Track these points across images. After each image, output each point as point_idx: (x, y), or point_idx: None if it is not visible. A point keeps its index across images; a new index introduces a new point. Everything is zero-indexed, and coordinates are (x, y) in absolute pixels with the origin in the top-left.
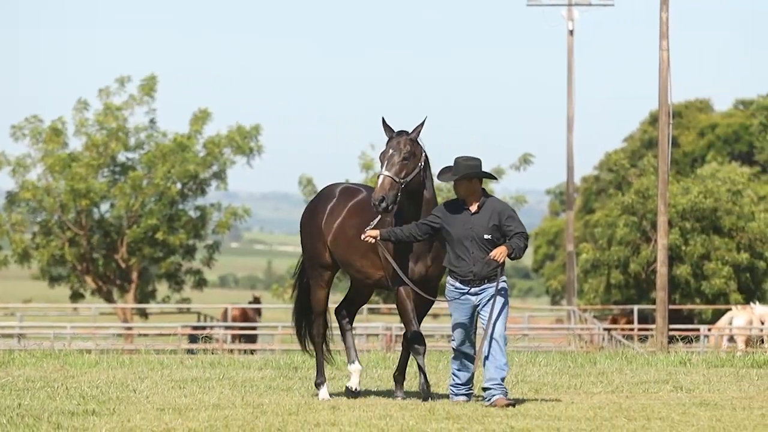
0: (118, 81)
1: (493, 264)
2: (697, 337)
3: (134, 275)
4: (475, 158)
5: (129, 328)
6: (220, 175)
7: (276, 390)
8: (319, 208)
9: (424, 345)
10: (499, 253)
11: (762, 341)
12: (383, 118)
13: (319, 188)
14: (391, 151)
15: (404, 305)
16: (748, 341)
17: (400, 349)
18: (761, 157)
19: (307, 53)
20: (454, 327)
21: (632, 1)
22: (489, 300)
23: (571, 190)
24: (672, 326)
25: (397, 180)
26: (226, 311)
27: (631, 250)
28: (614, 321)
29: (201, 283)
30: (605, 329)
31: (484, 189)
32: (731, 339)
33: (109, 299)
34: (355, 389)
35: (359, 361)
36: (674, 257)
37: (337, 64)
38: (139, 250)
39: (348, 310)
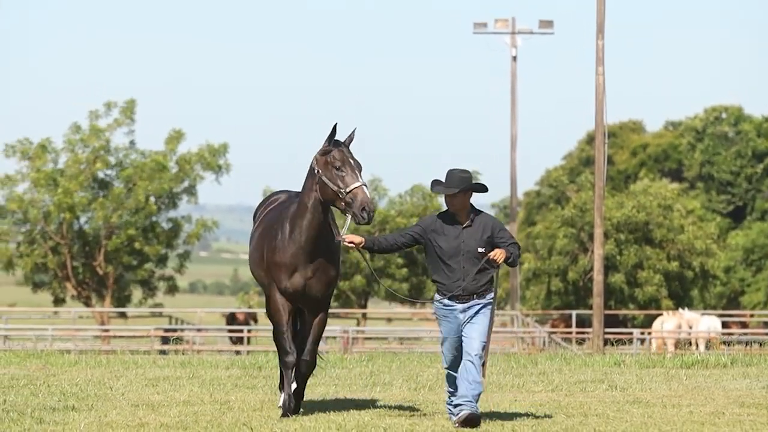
0: (106, 105)
1: (485, 276)
2: (631, 340)
3: (111, 282)
4: (466, 170)
5: (106, 331)
6: (190, 190)
7: (241, 388)
8: (254, 216)
9: (293, 358)
10: (499, 253)
11: (690, 344)
12: (335, 125)
13: None
14: (353, 161)
15: (276, 317)
16: (677, 344)
17: (357, 351)
18: (689, 174)
19: (272, 70)
20: (444, 345)
21: (571, 30)
22: (473, 316)
23: (514, 203)
24: (607, 330)
25: None
26: (233, 315)
27: (569, 259)
28: (554, 325)
29: (173, 289)
30: (547, 332)
31: (472, 204)
32: (663, 342)
33: (87, 304)
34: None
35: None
36: (609, 266)
37: (299, 82)
38: (116, 259)
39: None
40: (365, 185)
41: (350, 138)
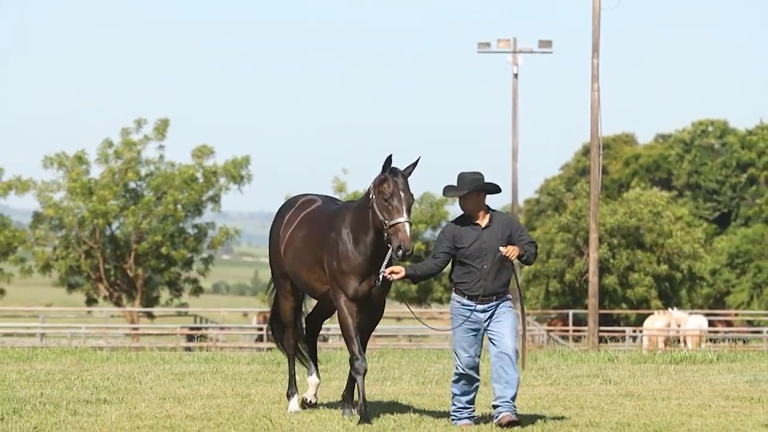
0: (136, 122)
1: (505, 277)
2: (624, 338)
3: (140, 283)
4: (478, 172)
5: (135, 329)
6: (215, 199)
7: (261, 382)
8: (278, 218)
9: (365, 364)
10: (512, 250)
11: (679, 341)
12: (390, 156)
13: None
14: (403, 195)
15: (346, 322)
16: (667, 341)
17: (369, 348)
18: (678, 183)
19: (292, 85)
20: (459, 346)
21: (568, 49)
22: (497, 315)
23: (515, 210)
24: (602, 328)
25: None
26: (265, 316)
27: (566, 262)
28: (552, 324)
29: (197, 290)
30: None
31: (487, 205)
32: (653, 339)
33: (118, 304)
34: (310, 401)
35: (318, 374)
36: (603, 269)
37: (316, 98)
38: (145, 262)
39: (314, 321)
40: (408, 222)
41: (411, 167)
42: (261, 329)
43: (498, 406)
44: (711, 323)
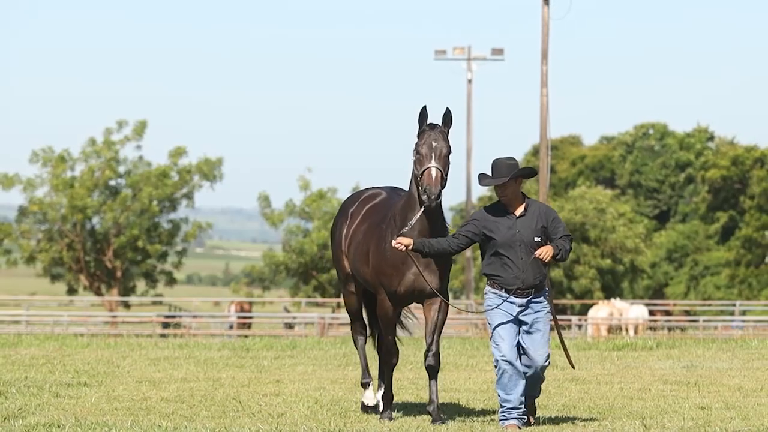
0: (118, 123)
1: (542, 268)
2: (569, 326)
3: (118, 274)
4: (512, 158)
5: (114, 317)
6: (189, 195)
7: (231, 367)
8: (342, 214)
9: (397, 357)
10: (546, 252)
11: (621, 329)
12: (425, 107)
13: (275, 204)
14: (435, 143)
15: (383, 311)
16: (610, 329)
17: (333, 335)
18: (620, 182)
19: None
20: (497, 335)
21: (519, 56)
22: (531, 322)
23: (469, 207)
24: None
25: (444, 175)
26: (241, 305)
27: None
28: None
29: (172, 281)
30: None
31: (522, 192)
32: (597, 328)
33: (98, 293)
34: (369, 404)
35: (369, 374)
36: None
37: (281, 102)
38: (123, 255)
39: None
40: (436, 168)
41: (445, 119)
42: (240, 318)
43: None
44: (651, 313)
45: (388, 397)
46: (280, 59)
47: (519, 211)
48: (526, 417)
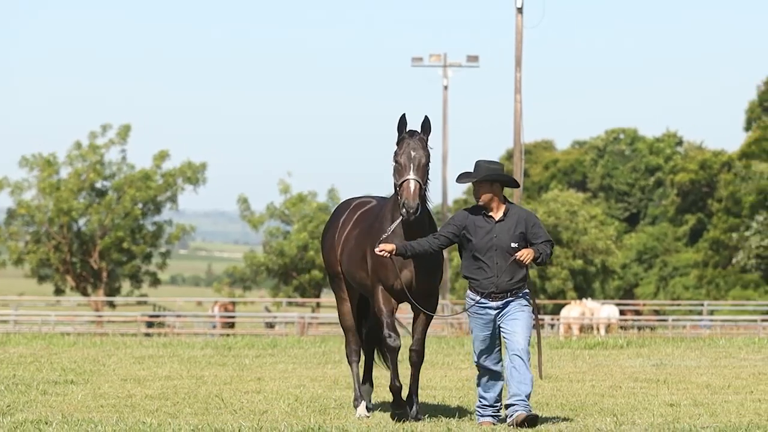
0: (102, 127)
1: (519, 273)
2: (542, 325)
3: (104, 275)
4: (497, 162)
5: (100, 316)
6: (173, 199)
7: (214, 365)
8: (333, 220)
9: (398, 342)
10: (526, 254)
11: (592, 328)
12: (404, 115)
13: (254, 206)
14: (414, 152)
15: (378, 305)
16: (582, 328)
17: (312, 334)
18: (592, 185)
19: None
20: (476, 342)
21: (494, 63)
22: (511, 312)
23: (445, 210)
24: None
25: (423, 186)
26: (225, 305)
27: None
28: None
29: (156, 282)
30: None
31: (505, 197)
32: (569, 327)
33: (84, 294)
34: (363, 415)
35: (371, 383)
36: None
37: (260, 109)
38: (108, 256)
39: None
40: (414, 180)
41: (424, 126)
42: (224, 317)
43: (512, 404)
44: (621, 312)
45: (401, 395)
46: (261, 66)
47: (498, 215)
48: (500, 414)
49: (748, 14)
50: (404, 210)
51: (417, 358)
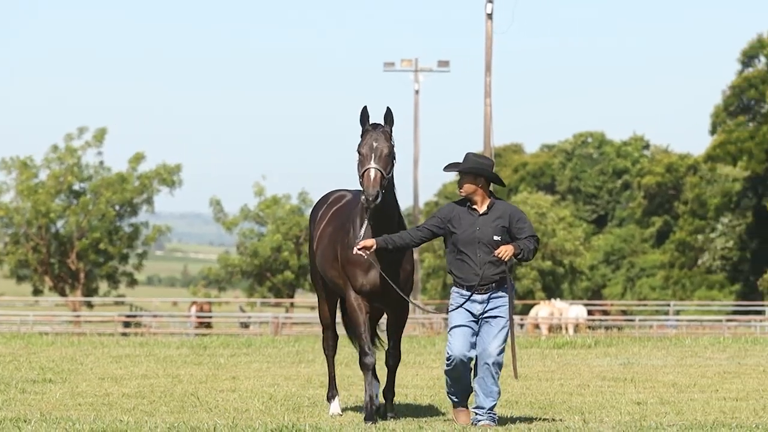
0: (79, 130)
1: (500, 266)
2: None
3: (81, 276)
4: (487, 157)
5: (77, 316)
6: (149, 201)
7: (190, 364)
8: (313, 216)
9: (373, 359)
10: (505, 251)
11: (561, 328)
12: (365, 107)
13: (227, 209)
14: (375, 143)
15: (353, 316)
16: (551, 328)
17: (286, 334)
18: (560, 188)
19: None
20: (452, 332)
21: (464, 68)
22: (491, 317)
23: (416, 212)
24: None
25: (385, 175)
26: (201, 306)
27: None
28: (447, 312)
29: (133, 282)
30: (443, 318)
31: (492, 192)
32: (537, 326)
33: (62, 294)
34: (336, 413)
35: (335, 388)
36: None
37: (235, 111)
38: (86, 257)
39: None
40: (374, 168)
41: (387, 118)
42: (199, 317)
43: (477, 414)
44: (589, 312)
45: (373, 402)
46: (235, 69)
47: (483, 209)
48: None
49: (713, 21)
50: (364, 198)
51: (393, 362)
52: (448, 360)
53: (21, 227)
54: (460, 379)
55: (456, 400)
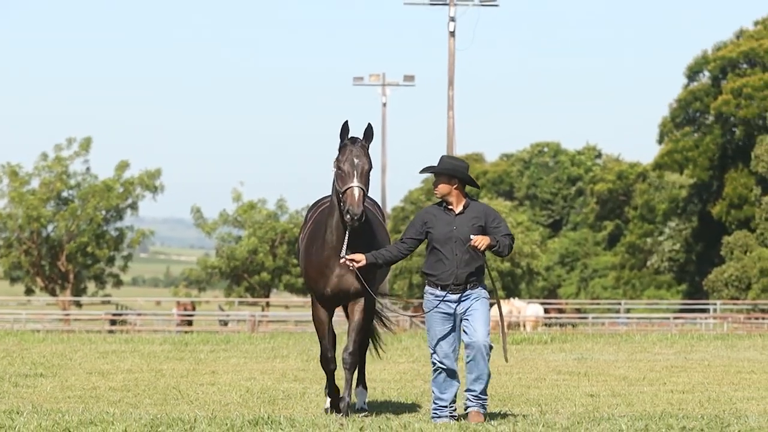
0: (67, 140)
1: (477, 264)
2: None
3: (71, 277)
4: (462, 160)
5: (67, 315)
6: (133, 206)
7: (172, 359)
8: (304, 221)
9: (334, 364)
10: (481, 240)
11: (519, 325)
12: (347, 121)
13: (206, 216)
14: (357, 159)
15: (317, 318)
16: (509, 325)
17: (262, 331)
18: (518, 195)
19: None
20: (434, 340)
21: (428, 82)
22: (471, 307)
23: (384, 220)
24: None
25: (366, 192)
26: (184, 305)
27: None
28: (415, 311)
29: (118, 283)
30: (409, 316)
31: (467, 193)
32: (496, 324)
33: (53, 294)
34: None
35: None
36: None
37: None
38: (75, 259)
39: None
40: (358, 187)
41: (367, 134)
42: (181, 315)
43: (467, 399)
44: (546, 311)
45: (338, 401)
46: (214, 85)
47: (458, 209)
48: (456, 415)
49: (662, 38)
50: (348, 217)
51: (350, 361)
52: (435, 371)
53: (14, 232)
54: (450, 386)
55: (438, 414)
